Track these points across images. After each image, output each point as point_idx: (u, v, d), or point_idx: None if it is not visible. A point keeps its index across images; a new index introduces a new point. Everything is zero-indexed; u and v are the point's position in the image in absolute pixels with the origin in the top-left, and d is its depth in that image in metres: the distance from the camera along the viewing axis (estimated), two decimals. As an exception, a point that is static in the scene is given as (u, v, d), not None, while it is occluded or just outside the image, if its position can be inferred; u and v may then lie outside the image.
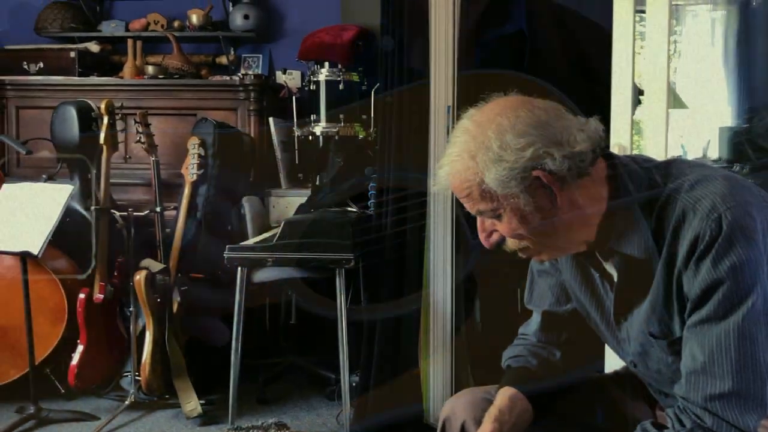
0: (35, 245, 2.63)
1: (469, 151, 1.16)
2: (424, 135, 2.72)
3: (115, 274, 3.01)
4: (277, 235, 2.63)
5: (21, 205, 2.78)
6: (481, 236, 1.23)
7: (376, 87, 3.57)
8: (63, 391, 3.01)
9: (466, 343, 2.84)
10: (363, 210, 3.04)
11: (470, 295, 2.87)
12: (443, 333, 2.79)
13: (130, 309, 2.89)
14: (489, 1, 2.79)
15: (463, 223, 2.65)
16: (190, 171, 3.18)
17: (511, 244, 1.22)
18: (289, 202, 3.48)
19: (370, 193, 3.15)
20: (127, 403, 2.86)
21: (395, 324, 2.75)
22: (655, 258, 1.15)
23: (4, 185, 2.90)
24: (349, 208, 3.05)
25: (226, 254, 2.63)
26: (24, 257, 2.71)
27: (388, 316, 2.74)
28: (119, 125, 3.07)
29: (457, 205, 2.81)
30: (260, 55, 3.99)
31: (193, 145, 3.20)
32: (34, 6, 3.93)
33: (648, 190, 1.17)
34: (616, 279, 1.24)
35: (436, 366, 2.77)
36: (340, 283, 2.59)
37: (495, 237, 1.22)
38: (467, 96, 2.80)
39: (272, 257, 2.62)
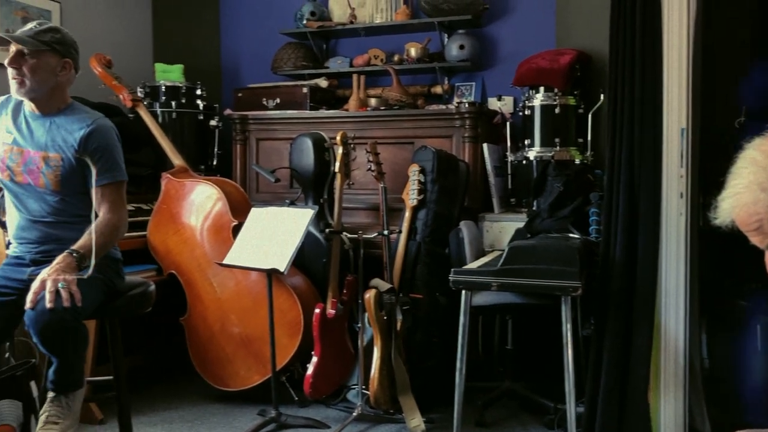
0: (282, 263, 2.91)
1: (759, 183, 1.12)
2: (656, 159, 2.63)
3: (344, 291, 3.23)
4: (502, 260, 2.67)
5: (269, 226, 3.09)
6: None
7: (593, 110, 3.52)
8: (296, 398, 3.28)
9: (700, 379, 2.68)
10: (585, 236, 2.99)
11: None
12: (675, 367, 2.65)
13: (358, 325, 3.09)
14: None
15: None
16: (411, 196, 3.34)
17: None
18: (502, 227, 3.51)
19: (591, 218, 3.10)
20: (355, 414, 3.04)
21: (623, 354, 2.66)
22: None
23: (253, 209, 3.24)
24: (572, 234, 3.01)
25: (452, 277, 2.71)
26: (270, 273, 3.01)
27: (616, 345, 2.66)
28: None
29: (691, 234, 2.67)
30: (473, 83, 4.09)
31: (413, 171, 3.36)
32: (271, 48, 4.38)
33: None
34: None
35: (668, 402, 2.63)
36: (566, 311, 2.56)
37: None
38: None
39: (497, 282, 2.66)
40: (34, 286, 1.97)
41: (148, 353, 3.66)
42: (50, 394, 2.20)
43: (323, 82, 4.13)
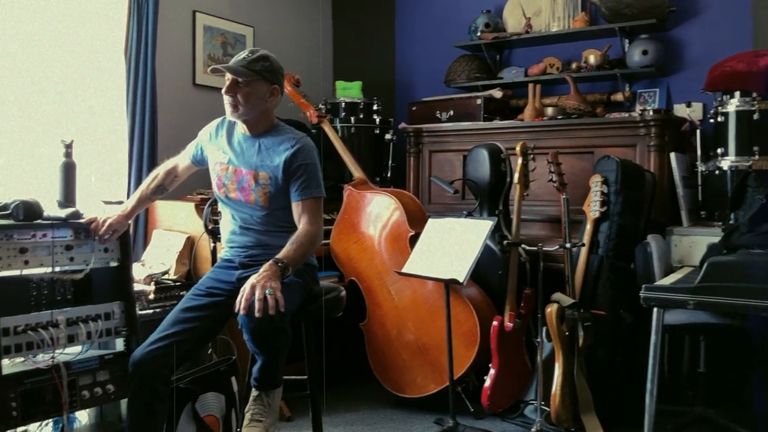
0: (461, 274, 2.93)
1: None
2: None
3: (521, 304, 3.18)
4: (700, 277, 2.50)
5: (446, 237, 3.13)
6: None
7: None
8: (472, 410, 3.28)
9: None
10: (795, 253, 2.72)
11: None
12: None
13: (537, 339, 3.03)
14: None
15: None
16: (593, 208, 3.23)
17: None
18: (693, 241, 3.30)
19: (801, 233, 2.82)
20: (533, 430, 2.98)
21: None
22: None
23: (431, 220, 3.30)
24: (778, 251, 2.76)
25: (643, 294, 2.58)
26: (448, 284, 3.04)
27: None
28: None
29: None
30: (657, 89, 3.89)
31: (595, 182, 3.25)
32: (444, 62, 4.44)
33: None
34: None
35: None
36: (775, 333, 2.34)
37: None
38: None
39: (694, 300, 2.49)
40: (245, 291, 2.13)
41: (329, 356, 3.83)
42: (253, 392, 2.37)
43: (497, 93, 4.12)
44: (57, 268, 2.40)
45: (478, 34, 4.27)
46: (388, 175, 4.27)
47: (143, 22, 3.43)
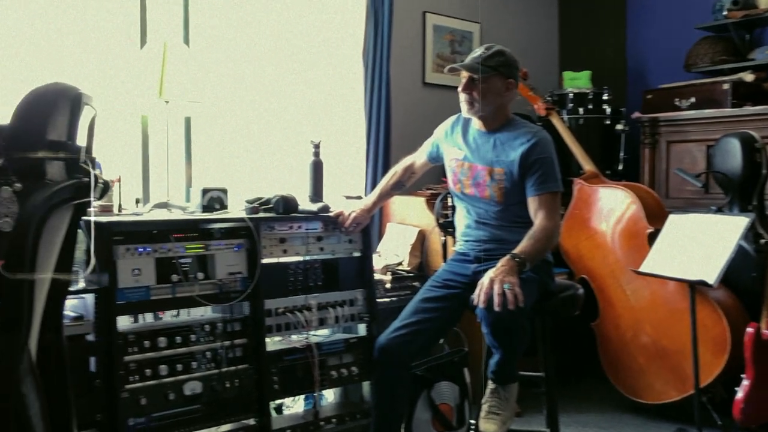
0: (711, 275, 2.69)
1: None
2: None
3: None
4: None
5: (692, 235, 2.89)
6: None
7: None
8: (720, 423, 3.01)
9: None
10: None
11: None
12: None
13: (802, 351, 2.70)
14: None
15: None
16: None
17: None
18: None
19: None
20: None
21: None
22: None
23: (672, 216, 3.07)
24: None
25: None
26: (693, 285, 2.81)
27: None
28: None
29: None
30: None
31: None
32: (682, 45, 4.12)
33: None
34: None
35: None
36: None
37: None
38: None
39: None
40: (484, 285, 2.16)
41: (558, 355, 3.75)
42: (490, 386, 2.40)
43: (748, 76, 3.72)
44: (308, 257, 2.63)
45: (724, 12, 3.89)
46: (620, 167, 4.06)
47: (379, 26, 3.61)
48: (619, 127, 4.04)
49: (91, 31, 2.93)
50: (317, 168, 2.86)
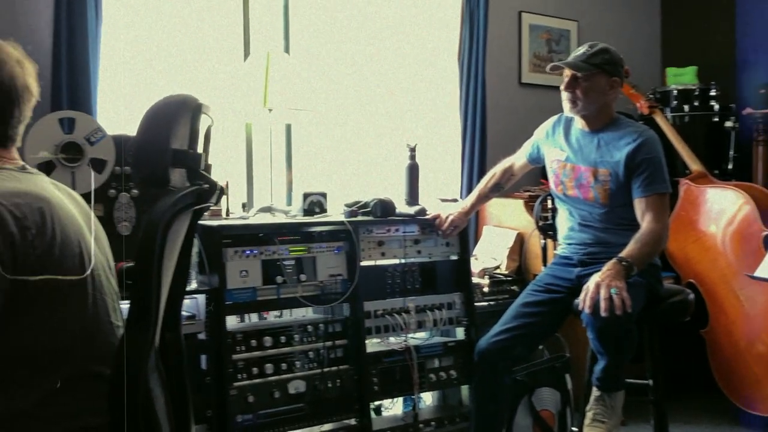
0: (837, 281, 2.52)
1: None
2: None
3: None
4: None
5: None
6: None
7: None
8: None
9: None
10: None
11: None
12: None
13: None
14: None
15: None
16: None
17: None
18: None
19: None
20: None
21: None
22: None
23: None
24: None
25: None
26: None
27: None
28: None
29: None
30: None
31: None
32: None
33: None
34: None
35: None
36: None
37: None
38: None
39: None
40: (590, 289, 2.10)
41: (667, 362, 3.59)
42: (595, 393, 2.33)
43: None
44: (406, 260, 2.65)
45: None
46: (729, 167, 3.85)
47: (474, 27, 3.59)
48: (728, 124, 3.83)
49: (200, 46, 3.08)
50: (413, 171, 2.88)
